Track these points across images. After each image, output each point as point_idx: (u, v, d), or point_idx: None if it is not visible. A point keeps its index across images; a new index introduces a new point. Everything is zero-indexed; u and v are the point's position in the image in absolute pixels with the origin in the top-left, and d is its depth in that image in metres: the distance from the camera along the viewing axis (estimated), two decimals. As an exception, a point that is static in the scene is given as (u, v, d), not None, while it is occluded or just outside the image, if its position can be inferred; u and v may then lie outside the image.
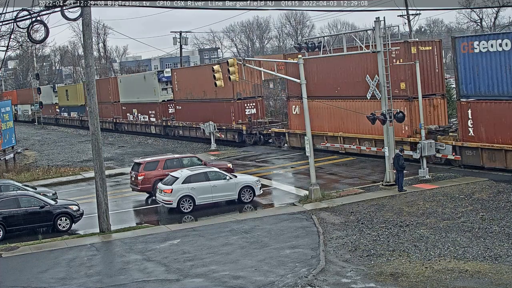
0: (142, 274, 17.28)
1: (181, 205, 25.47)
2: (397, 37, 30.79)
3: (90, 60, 23.13)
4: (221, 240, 20.25)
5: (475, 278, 15.00)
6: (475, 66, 27.74)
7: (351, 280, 15.54)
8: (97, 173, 22.95)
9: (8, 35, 37.60)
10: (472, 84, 28.06)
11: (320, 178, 29.08)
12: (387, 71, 26.77)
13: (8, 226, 23.28)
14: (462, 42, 28.33)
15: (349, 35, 30.90)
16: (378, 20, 26.04)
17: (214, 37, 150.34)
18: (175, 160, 29.48)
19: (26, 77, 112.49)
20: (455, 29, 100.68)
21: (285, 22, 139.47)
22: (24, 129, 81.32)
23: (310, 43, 28.11)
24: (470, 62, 27.91)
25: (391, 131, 26.86)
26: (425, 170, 27.71)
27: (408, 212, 22.10)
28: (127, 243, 20.92)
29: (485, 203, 22.38)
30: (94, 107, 22.93)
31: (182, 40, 69.08)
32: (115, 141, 57.84)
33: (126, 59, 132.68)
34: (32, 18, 20.27)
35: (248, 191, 26.40)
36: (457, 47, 28.26)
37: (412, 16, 50.37)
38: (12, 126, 43.27)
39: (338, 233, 20.05)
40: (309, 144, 26.00)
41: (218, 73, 28.80)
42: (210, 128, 44.88)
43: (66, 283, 17.06)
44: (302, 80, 26.20)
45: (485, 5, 67.18)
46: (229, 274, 16.56)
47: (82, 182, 35.54)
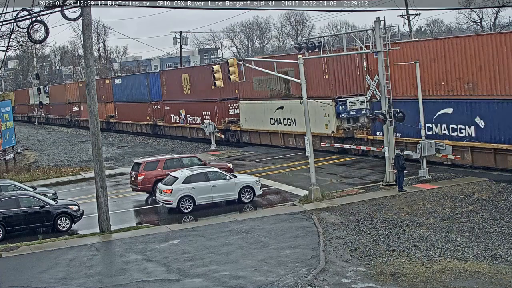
0: (142, 274, 17.28)
1: (181, 205, 25.47)
2: (397, 37, 30.80)
3: (90, 60, 23.14)
4: (221, 240, 20.25)
5: (475, 278, 15.00)
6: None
7: (351, 280, 15.54)
8: (97, 173, 22.95)
9: (8, 35, 37.64)
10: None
11: (320, 178, 29.07)
12: (387, 71, 26.77)
13: (8, 226, 23.28)
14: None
15: (349, 35, 30.88)
16: (378, 20, 26.04)
17: (214, 37, 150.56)
18: (175, 160, 29.49)
19: (26, 77, 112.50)
20: (455, 29, 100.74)
21: (285, 22, 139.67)
22: (24, 129, 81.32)
23: (310, 43, 28.11)
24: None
25: (391, 131, 26.86)
26: (425, 170, 27.71)
27: (408, 212, 22.10)
28: (127, 243, 20.92)
29: (485, 203, 22.38)
30: (94, 107, 22.94)
31: (182, 40, 69.14)
32: (115, 141, 57.84)
33: (126, 59, 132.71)
34: (32, 18, 20.27)
35: (248, 191, 26.41)
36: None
37: (412, 16, 50.46)
38: (12, 126, 43.26)
39: (338, 233, 20.05)
40: (309, 144, 26.00)
41: (218, 73, 28.82)
42: (210, 128, 44.86)
43: (66, 283, 17.06)
44: (302, 80, 26.20)
45: (485, 5, 67.24)
46: (229, 274, 16.56)
47: (82, 182, 35.54)
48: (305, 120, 26.37)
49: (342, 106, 34.93)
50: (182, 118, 51.69)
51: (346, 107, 34.84)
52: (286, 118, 39.64)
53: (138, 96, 58.63)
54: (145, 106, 57.13)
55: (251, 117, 42.96)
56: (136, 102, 58.83)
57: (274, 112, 40.65)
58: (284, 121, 39.89)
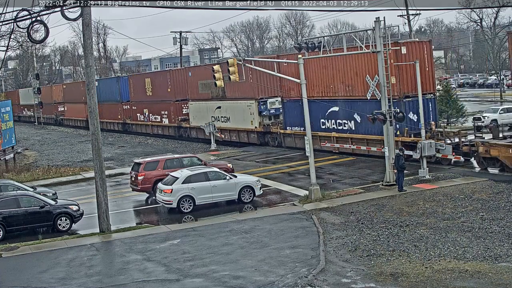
0: (142, 274, 17.28)
1: (181, 205, 25.47)
2: (397, 37, 30.81)
3: (90, 60, 23.13)
4: (221, 240, 20.25)
5: (475, 278, 15.00)
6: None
7: (351, 280, 15.54)
8: (97, 173, 22.95)
9: (8, 35, 37.62)
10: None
11: (320, 178, 29.08)
12: (386, 71, 26.78)
13: (8, 226, 23.27)
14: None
15: (349, 35, 30.89)
16: (378, 20, 26.05)
17: (214, 37, 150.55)
18: (175, 160, 29.49)
19: (26, 77, 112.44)
20: (455, 29, 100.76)
21: (285, 22, 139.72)
22: (24, 129, 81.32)
23: (310, 43, 28.12)
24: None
25: (391, 131, 26.87)
26: (425, 170, 27.71)
27: (408, 212, 22.10)
28: (127, 243, 20.92)
29: (485, 203, 22.38)
30: (94, 107, 22.94)
31: (182, 40, 69.12)
32: (115, 141, 57.88)
33: (126, 59, 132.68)
34: (32, 18, 20.24)
35: (248, 191, 26.40)
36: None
37: (412, 16, 50.40)
38: (12, 126, 43.24)
39: (338, 233, 20.05)
40: (309, 144, 26.00)
41: (218, 73, 28.81)
42: (210, 128, 44.93)
43: (66, 283, 17.06)
44: (302, 80, 26.20)
45: (485, 5, 67.25)
46: (229, 274, 16.56)
47: (82, 182, 35.53)
48: (305, 120, 26.35)
49: (263, 106, 41.97)
50: (146, 117, 58.88)
51: (267, 106, 41.80)
52: (222, 116, 46.46)
53: (111, 98, 64.92)
54: (117, 106, 63.82)
55: (197, 116, 49.42)
56: (110, 103, 65.16)
57: (214, 111, 47.20)
58: (221, 118, 46.65)
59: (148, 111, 58.14)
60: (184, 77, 52.32)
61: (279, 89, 40.60)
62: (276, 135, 41.85)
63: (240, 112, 43.40)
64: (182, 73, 53.37)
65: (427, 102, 32.27)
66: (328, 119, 36.58)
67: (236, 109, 44.48)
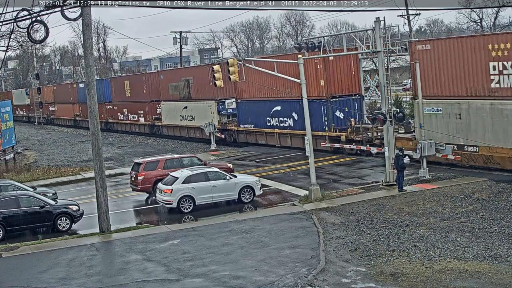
0: (142, 274, 17.28)
1: (181, 205, 25.47)
2: (397, 37, 30.84)
3: (90, 60, 23.14)
4: (221, 240, 20.25)
5: (475, 278, 15.00)
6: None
7: (351, 280, 15.54)
8: (97, 173, 22.95)
9: (8, 35, 37.61)
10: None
11: (320, 178, 29.08)
12: (387, 71, 26.79)
13: (8, 226, 23.28)
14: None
15: (349, 35, 30.95)
16: (378, 20, 26.05)
17: (214, 37, 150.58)
18: (175, 160, 29.49)
19: (26, 77, 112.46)
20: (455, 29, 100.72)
21: (285, 22, 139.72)
22: (24, 129, 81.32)
23: (310, 43, 28.13)
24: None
25: (391, 131, 26.88)
26: (425, 170, 27.71)
27: (408, 212, 22.10)
28: (127, 243, 20.92)
29: (485, 203, 22.38)
30: (94, 107, 22.95)
31: (182, 40, 69.12)
32: (115, 141, 57.91)
33: (126, 59, 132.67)
34: (32, 18, 20.23)
35: (248, 191, 26.41)
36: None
37: (412, 16, 50.33)
38: (12, 126, 43.25)
39: (338, 233, 20.05)
40: (309, 144, 26.00)
41: (218, 73, 28.81)
42: (210, 128, 44.98)
43: (66, 283, 17.06)
44: (302, 80, 26.20)
45: (485, 5, 67.19)
46: (229, 274, 16.56)
47: (82, 182, 35.54)
48: (305, 120, 26.34)
49: (222, 106, 46.67)
50: (125, 116, 63.60)
51: (225, 106, 46.39)
52: (189, 115, 51.34)
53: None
54: (100, 106, 65.58)
55: (169, 115, 54.62)
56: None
57: (182, 111, 52.11)
58: (188, 117, 51.56)
59: (127, 110, 62.80)
60: (157, 79, 56.96)
61: (233, 90, 45.13)
62: (231, 131, 46.36)
63: (203, 112, 48.55)
64: (156, 76, 58.52)
65: (354, 102, 36.48)
66: (273, 117, 41.42)
67: (200, 109, 49.37)
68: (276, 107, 40.97)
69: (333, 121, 36.28)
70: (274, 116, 41.23)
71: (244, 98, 44.25)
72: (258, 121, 42.79)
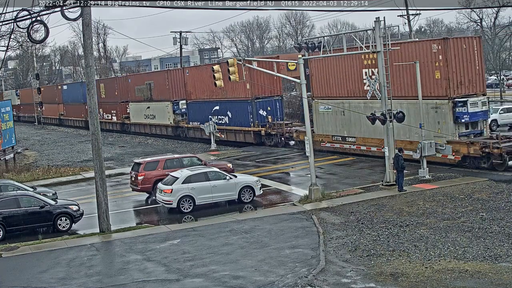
0: (142, 274, 17.28)
1: (181, 205, 25.47)
2: (397, 37, 30.82)
3: (90, 60, 23.13)
4: (221, 240, 20.25)
5: (475, 278, 15.00)
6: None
7: (351, 280, 15.54)
8: (97, 173, 22.94)
9: (8, 35, 37.59)
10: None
11: (320, 178, 29.08)
12: (387, 71, 26.78)
13: (8, 226, 23.28)
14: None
15: (349, 35, 30.94)
16: (378, 20, 26.03)
17: (214, 37, 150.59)
18: (175, 160, 29.48)
19: (26, 77, 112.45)
20: (455, 29, 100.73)
21: (285, 22, 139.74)
22: (24, 129, 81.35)
23: (310, 43, 28.11)
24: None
25: (391, 131, 26.87)
26: (425, 170, 27.70)
27: (408, 212, 22.09)
28: (127, 243, 20.92)
29: (485, 203, 22.38)
30: (94, 107, 22.96)
31: (182, 40, 69.10)
32: (115, 141, 57.96)
33: (126, 59, 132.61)
34: (32, 18, 20.23)
35: (248, 191, 26.40)
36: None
37: (412, 16, 50.41)
38: (12, 126, 43.25)
39: (338, 233, 20.05)
40: (309, 144, 26.00)
41: (218, 73, 28.81)
42: (210, 128, 44.99)
43: (66, 283, 17.06)
44: (302, 80, 26.20)
45: (485, 5, 67.21)
46: (229, 274, 16.56)
47: (82, 182, 35.54)
48: (306, 120, 26.34)
49: (176, 106, 53.63)
50: (101, 115, 67.35)
51: (179, 106, 53.40)
52: (151, 114, 58.61)
53: (77, 99, 76.10)
54: (81, 107, 73.24)
55: (135, 114, 62.22)
56: (76, 104, 76.74)
57: (145, 110, 59.44)
58: (150, 116, 58.90)
59: (103, 110, 68.26)
60: (126, 83, 64.30)
61: (184, 92, 52.31)
62: (183, 128, 53.25)
63: (162, 111, 56.08)
64: (125, 80, 66.13)
65: (275, 102, 44.05)
66: (214, 115, 47.91)
67: (159, 109, 56.73)
68: (216, 107, 48.07)
69: (257, 118, 43.66)
70: (214, 114, 48.00)
71: (193, 100, 51.37)
72: (203, 118, 48.67)
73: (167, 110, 54.88)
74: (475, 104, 29.17)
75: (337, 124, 36.06)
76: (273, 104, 43.85)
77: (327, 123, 36.81)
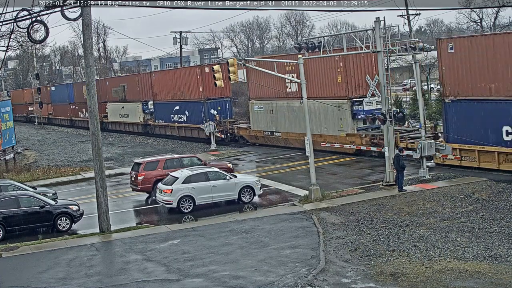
0: (142, 274, 17.28)
1: (181, 205, 25.47)
2: (397, 37, 30.80)
3: (90, 60, 23.13)
4: (221, 240, 20.25)
5: (475, 278, 15.00)
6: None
7: (351, 280, 15.54)
8: (97, 173, 22.95)
9: (8, 35, 37.59)
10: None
11: (320, 178, 29.07)
12: (387, 71, 26.79)
13: (8, 226, 23.28)
14: None
15: (349, 35, 30.92)
16: (378, 20, 26.03)
17: (214, 37, 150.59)
18: (175, 160, 29.47)
19: (26, 77, 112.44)
20: (455, 29, 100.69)
21: (285, 22, 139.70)
22: (24, 129, 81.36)
23: (310, 43, 28.11)
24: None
25: (391, 131, 26.87)
26: (425, 170, 27.70)
27: (408, 212, 22.10)
28: (127, 243, 20.92)
29: (485, 203, 22.38)
30: (94, 107, 22.94)
31: (182, 40, 69.07)
32: (115, 141, 57.95)
33: (126, 59, 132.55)
34: (32, 18, 20.22)
35: (248, 191, 26.40)
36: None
37: (412, 16, 50.33)
38: (12, 126, 43.23)
39: (338, 233, 20.05)
40: (309, 144, 26.00)
41: (218, 73, 28.81)
42: (210, 128, 45.03)
43: (66, 283, 17.06)
44: (302, 80, 26.20)
45: (485, 5, 67.12)
46: (229, 274, 16.56)
47: (82, 182, 35.53)
48: (306, 120, 26.34)
49: (145, 106, 59.10)
50: (84, 114, 72.49)
51: (148, 106, 58.73)
52: (125, 114, 63.89)
53: (64, 100, 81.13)
54: (68, 107, 79.71)
55: (112, 113, 67.26)
56: (63, 104, 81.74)
57: (120, 110, 64.59)
58: (124, 115, 64.08)
59: (85, 110, 69.12)
60: (105, 85, 68.37)
61: (151, 94, 57.57)
62: (151, 126, 58.24)
63: (133, 111, 61.37)
64: (104, 82, 70.17)
65: (225, 103, 48.83)
66: (175, 114, 53.10)
67: (131, 109, 61.93)
68: (176, 107, 52.95)
69: (209, 117, 47.90)
70: (175, 113, 53.27)
71: (158, 100, 56.66)
72: (166, 117, 54.69)
73: (138, 109, 60.51)
74: (370, 103, 34.50)
75: (268, 121, 42.58)
76: (223, 104, 49.03)
77: (261, 120, 43.19)
